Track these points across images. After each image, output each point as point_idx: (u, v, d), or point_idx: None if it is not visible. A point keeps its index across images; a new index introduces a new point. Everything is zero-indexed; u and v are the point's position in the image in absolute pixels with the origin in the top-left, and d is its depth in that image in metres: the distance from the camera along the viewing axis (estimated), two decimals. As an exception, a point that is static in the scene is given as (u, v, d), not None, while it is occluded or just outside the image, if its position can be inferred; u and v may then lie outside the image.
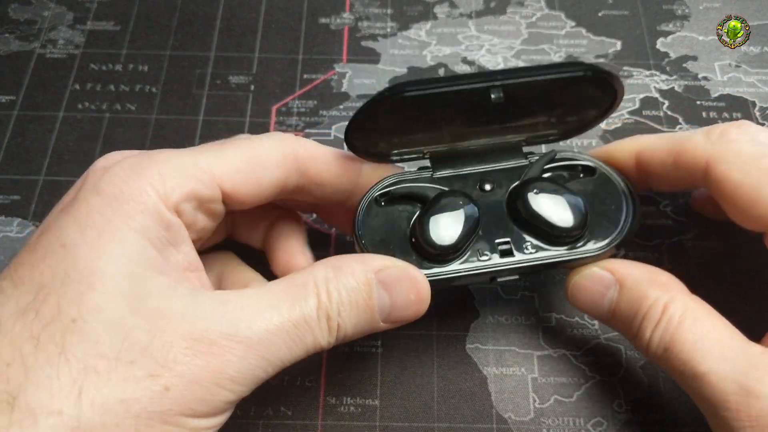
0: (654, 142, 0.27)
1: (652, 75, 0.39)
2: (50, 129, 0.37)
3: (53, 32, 0.41)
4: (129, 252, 0.21)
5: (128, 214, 0.21)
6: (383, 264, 0.24)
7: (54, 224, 0.22)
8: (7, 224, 0.34)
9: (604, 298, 0.26)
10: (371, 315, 0.23)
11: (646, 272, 0.26)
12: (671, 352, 0.24)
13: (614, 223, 0.27)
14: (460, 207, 0.26)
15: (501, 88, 0.25)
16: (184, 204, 0.22)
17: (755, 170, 0.23)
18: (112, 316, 0.20)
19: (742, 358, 0.22)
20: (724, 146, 0.24)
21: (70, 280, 0.20)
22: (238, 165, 0.24)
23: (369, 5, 0.42)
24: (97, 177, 0.22)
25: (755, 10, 0.42)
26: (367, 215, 0.27)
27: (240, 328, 0.21)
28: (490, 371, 0.29)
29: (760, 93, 0.38)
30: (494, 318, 0.31)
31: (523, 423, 0.28)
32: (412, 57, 0.40)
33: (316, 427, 0.28)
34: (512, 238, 0.26)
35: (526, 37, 0.41)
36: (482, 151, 0.28)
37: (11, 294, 0.20)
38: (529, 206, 0.26)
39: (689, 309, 0.24)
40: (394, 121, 0.27)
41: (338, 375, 0.29)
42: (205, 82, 0.39)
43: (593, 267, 0.26)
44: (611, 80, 0.26)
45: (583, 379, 0.29)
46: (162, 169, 0.22)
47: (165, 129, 0.37)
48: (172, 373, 0.20)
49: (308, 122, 0.37)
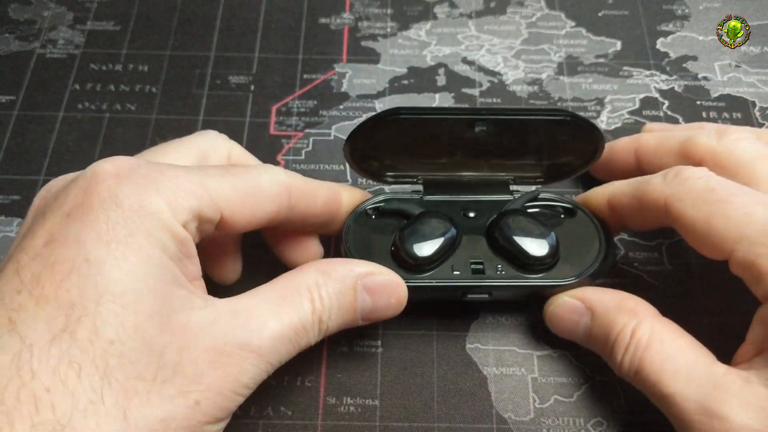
0: (621, 188, 0.28)
1: (652, 75, 0.39)
2: (50, 129, 0.37)
3: (53, 32, 0.41)
4: (154, 268, 0.21)
5: (149, 230, 0.21)
6: (368, 270, 0.26)
7: (69, 235, 0.21)
8: (7, 224, 0.34)
9: (579, 325, 0.27)
10: (354, 315, 0.25)
11: (615, 299, 0.27)
12: (640, 374, 0.25)
13: (587, 260, 0.29)
14: (440, 225, 0.29)
15: (485, 122, 0.28)
16: (190, 222, 0.23)
17: (706, 205, 0.25)
18: (146, 335, 0.20)
19: (706, 379, 0.23)
20: (678, 186, 0.26)
21: (104, 300, 0.20)
22: (240, 195, 0.24)
23: (369, 5, 0.42)
24: (111, 185, 0.21)
25: (755, 10, 0.42)
26: (356, 223, 0.29)
27: (252, 339, 0.22)
28: (490, 371, 0.29)
29: (760, 93, 0.38)
30: (494, 318, 0.31)
31: (523, 423, 0.28)
32: (412, 57, 0.40)
33: (316, 427, 0.28)
34: (485, 260, 0.29)
35: (526, 37, 0.41)
36: (472, 184, 0.31)
37: (36, 313, 0.19)
38: (505, 233, 0.28)
39: (656, 332, 0.25)
40: (390, 143, 0.29)
41: (338, 375, 0.29)
42: (205, 82, 0.39)
43: (564, 296, 0.28)
44: (591, 130, 0.28)
45: (583, 379, 0.29)
46: (175, 186, 0.22)
47: (165, 129, 0.37)
48: (200, 387, 0.21)
49: (308, 122, 0.37)
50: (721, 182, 0.25)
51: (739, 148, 0.27)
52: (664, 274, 0.32)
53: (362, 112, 0.38)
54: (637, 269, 0.32)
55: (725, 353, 0.25)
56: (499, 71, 0.39)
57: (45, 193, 0.24)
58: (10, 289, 0.20)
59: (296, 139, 0.37)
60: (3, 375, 0.19)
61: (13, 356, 0.19)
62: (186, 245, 0.23)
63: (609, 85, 0.39)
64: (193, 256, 0.23)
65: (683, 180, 0.26)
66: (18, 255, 0.21)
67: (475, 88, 0.38)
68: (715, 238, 0.24)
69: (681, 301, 0.31)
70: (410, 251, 0.28)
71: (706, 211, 0.24)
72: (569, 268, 0.28)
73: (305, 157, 0.36)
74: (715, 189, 0.25)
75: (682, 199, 0.25)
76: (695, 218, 0.25)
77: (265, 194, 0.25)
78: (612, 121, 0.37)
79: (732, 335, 0.25)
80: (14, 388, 0.18)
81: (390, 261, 0.28)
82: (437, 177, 0.31)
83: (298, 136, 0.37)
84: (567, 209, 0.30)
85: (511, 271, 0.28)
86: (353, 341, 0.30)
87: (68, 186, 0.22)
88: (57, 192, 0.23)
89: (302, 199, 0.26)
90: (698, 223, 0.25)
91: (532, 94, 0.38)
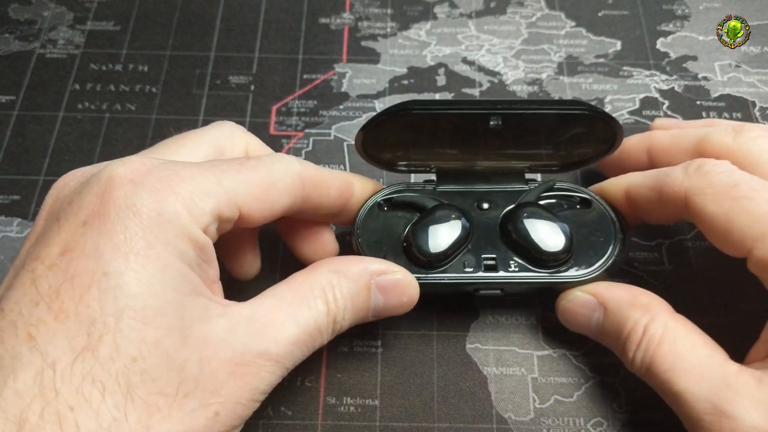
0: (640, 179, 0.28)
1: (652, 75, 0.39)
2: (50, 129, 0.37)
3: (53, 32, 0.41)
4: (173, 280, 0.21)
5: (168, 239, 0.21)
6: (381, 268, 0.25)
7: (87, 245, 0.20)
8: (7, 224, 0.34)
9: (591, 320, 0.27)
10: (366, 314, 0.25)
11: (628, 294, 0.26)
12: (652, 371, 0.25)
13: (600, 254, 0.28)
14: (452, 219, 0.28)
15: (500, 117, 0.27)
16: (210, 224, 0.22)
17: (727, 200, 0.24)
18: (168, 350, 0.20)
19: (717, 377, 0.23)
20: (699, 179, 0.25)
21: (124, 316, 0.20)
22: (256, 190, 0.24)
23: (369, 5, 0.42)
24: (128, 192, 0.21)
25: (755, 10, 0.42)
26: (368, 217, 0.29)
27: (269, 346, 0.22)
28: (490, 371, 0.29)
29: (760, 93, 0.38)
30: (494, 318, 0.31)
31: (523, 423, 0.28)
32: (412, 57, 0.40)
33: (316, 427, 0.28)
34: (498, 256, 0.28)
35: (526, 37, 0.41)
36: (486, 173, 0.30)
37: (56, 329, 0.19)
38: (518, 227, 0.28)
39: (669, 329, 0.25)
40: (403, 135, 0.29)
41: (338, 375, 0.29)
42: (205, 82, 0.39)
43: (576, 291, 0.28)
44: (610, 122, 0.27)
45: (583, 379, 0.29)
46: (193, 188, 0.22)
47: (165, 129, 0.37)
48: (220, 399, 0.21)
49: (308, 122, 0.37)
50: (745, 177, 0.24)
51: (756, 146, 0.27)
52: (664, 274, 0.32)
53: (362, 112, 0.38)
54: (637, 269, 0.32)
55: (727, 353, 0.25)
56: (499, 71, 0.39)
57: (57, 194, 0.23)
58: (28, 300, 0.20)
59: (296, 139, 0.37)
60: (26, 393, 0.18)
61: (35, 374, 0.19)
62: (205, 250, 0.22)
63: (609, 85, 0.39)
64: (211, 260, 0.23)
65: (705, 173, 0.25)
66: (33, 263, 0.21)
67: (475, 88, 0.38)
68: (735, 235, 0.24)
69: (681, 301, 0.31)
70: (422, 248, 0.27)
71: (728, 207, 0.24)
72: (584, 262, 0.28)
73: (305, 157, 0.36)
74: (738, 184, 0.24)
75: (704, 193, 0.25)
76: (715, 214, 0.24)
77: (280, 186, 0.24)
78: (612, 121, 0.37)
79: (732, 335, 0.25)
80: (38, 406, 0.18)
81: (401, 256, 0.28)
82: (451, 166, 0.30)
83: (298, 136, 0.37)
84: (583, 200, 0.30)
85: (524, 267, 0.28)
86: (353, 341, 0.30)
87: (83, 190, 0.22)
88: (70, 195, 0.22)
89: (315, 189, 0.26)
90: (718, 218, 0.24)
91: (532, 94, 0.38)
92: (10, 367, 0.19)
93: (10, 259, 0.33)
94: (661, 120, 0.34)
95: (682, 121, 0.35)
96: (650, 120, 0.37)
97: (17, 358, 0.19)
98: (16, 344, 0.19)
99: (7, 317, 0.20)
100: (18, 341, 0.19)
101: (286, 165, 0.25)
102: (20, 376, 0.19)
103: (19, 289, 0.20)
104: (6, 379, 0.19)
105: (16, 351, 0.19)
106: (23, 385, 0.18)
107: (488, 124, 0.28)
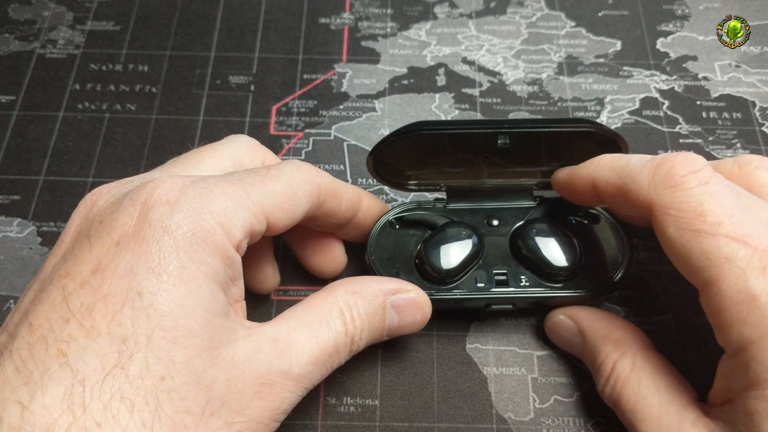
0: (605, 175, 0.26)
1: (652, 75, 0.39)
2: (50, 129, 0.37)
3: (53, 32, 0.41)
4: (204, 301, 0.21)
5: (201, 259, 0.21)
6: (396, 287, 0.26)
7: (120, 265, 0.20)
8: (7, 224, 0.34)
9: (573, 343, 0.28)
10: (381, 333, 0.26)
11: (605, 326, 0.27)
12: (618, 408, 0.26)
13: (609, 268, 0.29)
14: (463, 237, 0.29)
15: (508, 135, 0.28)
16: (243, 240, 0.23)
17: (689, 232, 0.22)
18: (196, 370, 0.20)
19: (674, 426, 0.24)
20: (665, 193, 0.23)
21: (155, 336, 0.20)
22: (281, 201, 0.24)
23: (369, 5, 0.42)
24: (164, 214, 0.21)
25: (755, 10, 0.42)
26: (380, 235, 0.30)
27: (292, 366, 0.22)
28: (490, 371, 0.29)
29: (760, 93, 0.38)
30: (494, 318, 0.31)
31: (523, 423, 0.28)
32: (412, 57, 0.40)
33: (316, 427, 0.28)
34: (509, 271, 0.29)
35: (526, 37, 0.41)
36: (495, 190, 0.31)
37: (87, 345, 0.19)
38: (528, 243, 0.28)
39: (636, 368, 0.25)
40: (413, 155, 0.30)
41: (338, 375, 0.29)
42: (205, 82, 0.39)
43: (560, 315, 0.29)
44: (615, 139, 0.28)
45: (583, 379, 0.29)
46: (226, 205, 0.22)
47: (165, 129, 0.37)
48: (243, 418, 0.21)
49: (308, 122, 0.37)
50: (715, 200, 0.22)
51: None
52: (664, 274, 0.32)
53: (362, 112, 0.38)
54: (637, 269, 0.32)
55: (695, 393, 0.25)
56: (499, 71, 0.39)
57: (86, 212, 0.23)
58: (58, 317, 0.20)
59: (296, 139, 0.37)
60: (54, 408, 0.18)
61: (65, 390, 0.19)
62: (234, 266, 0.23)
63: (609, 85, 0.39)
64: (238, 278, 0.23)
65: (673, 186, 0.23)
66: (63, 280, 0.21)
67: (475, 88, 0.38)
68: (689, 270, 0.23)
69: (681, 302, 0.31)
70: (434, 265, 0.28)
71: (687, 239, 0.22)
72: (593, 276, 0.28)
73: (305, 157, 0.36)
74: (704, 214, 0.22)
75: (667, 213, 0.23)
76: (675, 240, 0.23)
77: (300, 195, 0.25)
78: (612, 121, 0.37)
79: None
80: (65, 422, 0.18)
81: (413, 272, 0.29)
82: (460, 184, 0.31)
83: (298, 136, 0.37)
84: (590, 215, 0.30)
85: (535, 282, 0.28)
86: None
87: (115, 210, 0.22)
88: (101, 214, 0.22)
89: (330, 197, 0.27)
90: (676, 247, 0.23)
91: (532, 94, 0.38)
92: (39, 381, 0.19)
93: (10, 259, 0.33)
94: None
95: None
96: (650, 120, 0.37)
97: (47, 373, 0.19)
98: (46, 359, 0.19)
99: (36, 332, 0.20)
100: (48, 356, 0.19)
101: (305, 173, 0.25)
102: (49, 390, 0.19)
103: (48, 305, 0.20)
104: (34, 393, 0.19)
105: (46, 366, 0.19)
106: (51, 400, 0.18)
107: (496, 142, 0.28)
